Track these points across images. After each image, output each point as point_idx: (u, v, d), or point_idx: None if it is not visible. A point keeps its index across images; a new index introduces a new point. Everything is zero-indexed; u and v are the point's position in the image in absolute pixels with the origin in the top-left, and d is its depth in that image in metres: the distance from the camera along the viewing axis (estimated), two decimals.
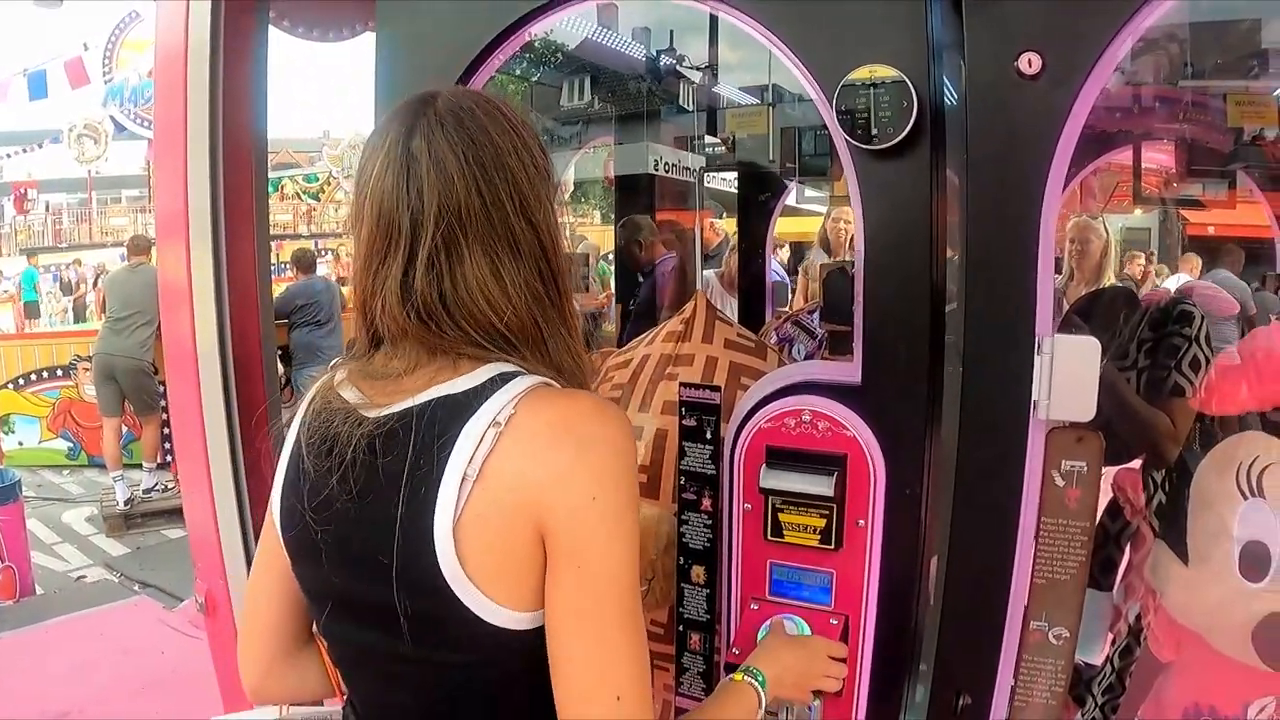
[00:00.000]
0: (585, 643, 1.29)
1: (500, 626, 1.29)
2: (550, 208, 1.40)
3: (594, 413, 1.32)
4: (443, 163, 1.33)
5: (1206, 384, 2.13)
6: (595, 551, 1.28)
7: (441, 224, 1.32)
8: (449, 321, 1.34)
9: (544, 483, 1.26)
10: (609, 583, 1.28)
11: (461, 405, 1.31)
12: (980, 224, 1.73)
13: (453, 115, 1.36)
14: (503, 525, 1.27)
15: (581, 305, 5.21)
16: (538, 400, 1.31)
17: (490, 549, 1.28)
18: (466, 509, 1.27)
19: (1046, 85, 1.64)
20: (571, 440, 1.28)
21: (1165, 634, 2.17)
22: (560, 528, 1.27)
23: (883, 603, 1.87)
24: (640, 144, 5.56)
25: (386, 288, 1.35)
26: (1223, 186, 4.12)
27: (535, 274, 1.37)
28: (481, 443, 1.27)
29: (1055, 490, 1.76)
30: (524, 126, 1.41)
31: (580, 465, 1.27)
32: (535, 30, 2.30)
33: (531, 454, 1.27)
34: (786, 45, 1.87)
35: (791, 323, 3.70)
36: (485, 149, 1.35)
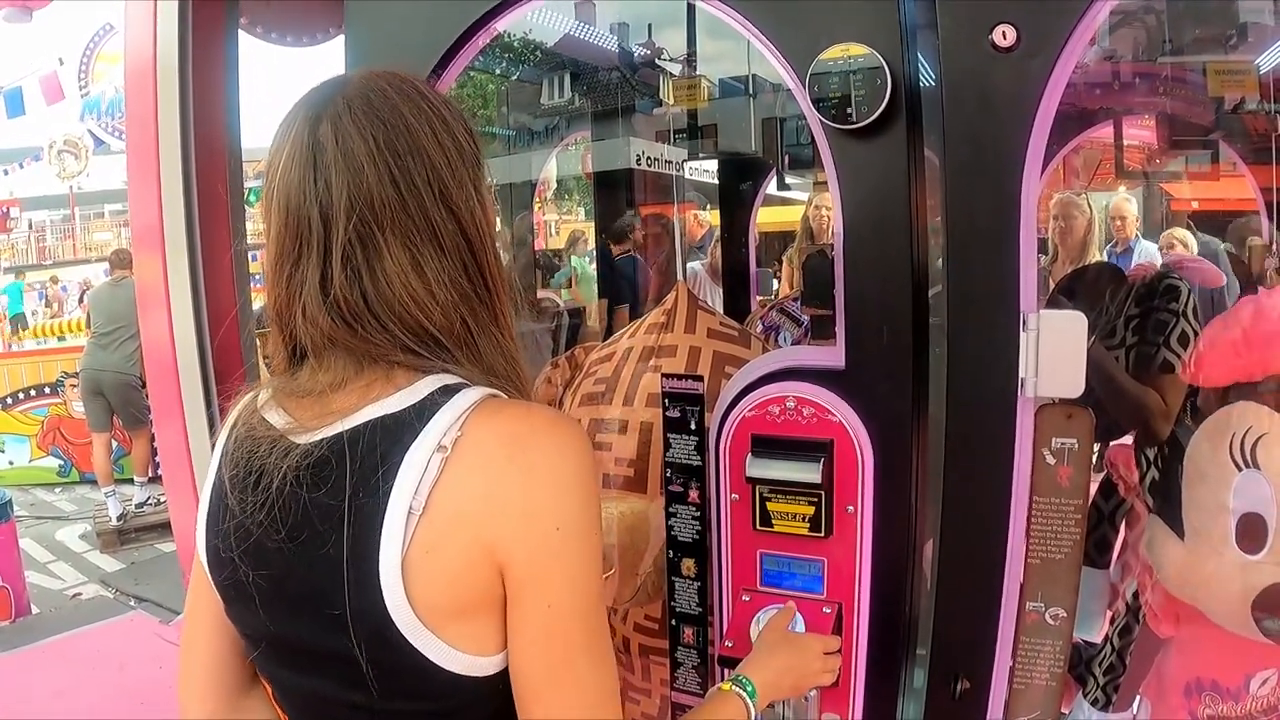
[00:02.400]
0: (557, 686, 1.19)
1: (459, 673, 1.18)
2: (476, 194, 1.28)
3: (549, 431, 1.20)
4: (351, 150, 1.20)
5: (1196, 357, 2.12)
6: (564, 588, 1.17)
7: (353, 217, 1.20)
8: (375, 324, 1.22)
9: (500, 514, 1.15)
10: (579, 618, 1.19)
11: (401, 427, 1.18)
12: (960, 201, 1.71)
13: (362, 98, 1.23)
14: (456, 563, 1.15)
15: (565, 304, 5.20)
16: (486, 418, 1.18)
17: (443, 589, 1.16)
18: (413, 545, 1.14)
19: (1022, 57, 1.63)
20: (526, 465, 1.16)
21: (1164, 610, 2.16)
22: (522, 563, 1.15)
23: (876, 589, 1.85)
24: (621, 139, 5.55)
25: (305, 292, 1.22)
26: (1206, 160, 4.12)
27: (460, 268, 1.25)
28: (426, 471, 1.14)
29: (1047, 468, 1.75)
30: (445, 107, 1.29)
31: (539, 494, 1.16)
32: (506, 26, 2.29)
33: (483, 482, 1.15)
34: (758, 29, 1.85)
35: (777, 310, 3.69)
36: (398, 132, 1.22)
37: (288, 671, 1.31)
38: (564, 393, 2.51)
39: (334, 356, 1.24)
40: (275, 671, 1.34)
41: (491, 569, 1.15)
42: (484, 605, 1.17)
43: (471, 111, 7.37)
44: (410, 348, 1.23)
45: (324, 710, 1.29)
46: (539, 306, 5.15)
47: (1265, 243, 4.40)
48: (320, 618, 1.19)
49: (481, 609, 1.18)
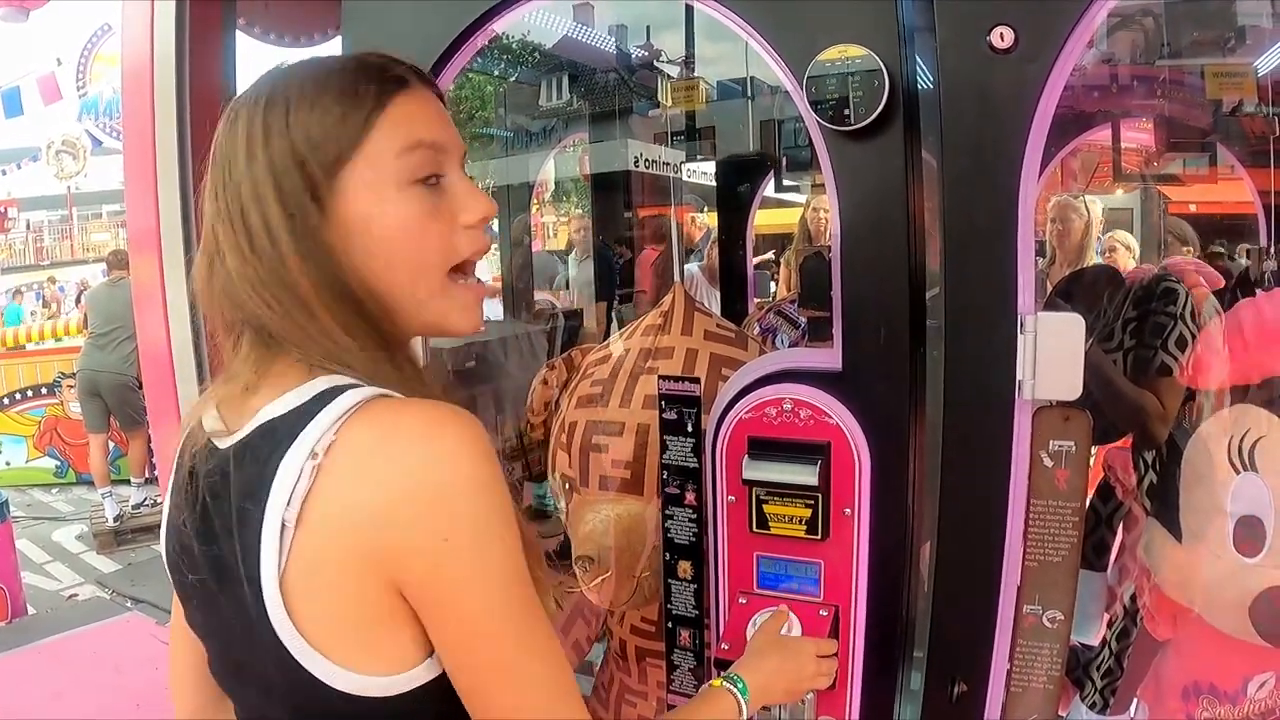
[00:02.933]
0: (496, 696, 1.14)
1: (355, 694, 1.11)
2: (278, 211, 1.17)
3: (422, 431, 1.10)
4: (220, 140, 1.21)
5: (1194, 360, 2.12)
6: (470, 599, 1.11)
7: (218, 203, 1.20)
8: (237, 317, 1.22)
9: (380, 527, 1.07)
10: (498, 622, 1.12)
11: (282, 432, 1.11)
12: (958, 202, 1.71)
13: (235, 104, 1.22)
14: (339, 579, 1.09)
15: (562, 305, 5.20)
16: (361, 422, 1.10)
17: (329, 609, 1.10)
18: (291, 561, 1.08)
19: (1020, 59, 1.62)
20: (401, 471, 1.07)
21: (1161, 613, 2.16)
22: (416, 579, 1.09)
23: (873, 592, 1.85)
24: (619, 140, 5.56)
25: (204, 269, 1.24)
26: (1203, 162, 4.12)
27: (267, 281, 1.18)
28: (300, 479, 1.07)
29: (1044, 471, 1.74)
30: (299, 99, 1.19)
31: (418, 504, 1.07)
32: (506, 28, 2.28)
33: (356, 492, 1.07)
34: (756, 30, 1.85)
35: (774, 312, 3.68)
36: (230, 140, 1.19)
37: (228, 680, 1.30)
38: (560, 394, 2.51)
39: (239, 352, 1.24)
40: (220, 679, 1.32)
41: (380, 584, 1.09)
42: (379, 622, 1.11)
43: (470, 113, 7.37)
44: (265, 346, 1.21)
45: None
46: (535, 308, 5.16)
47: (1263, 245, 4.40)
48: (235, 630, 1.17)
49: (377, 626, 1.11)
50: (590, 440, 2.26)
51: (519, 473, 3.50)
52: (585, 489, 2.28)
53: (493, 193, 5.50)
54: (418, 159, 1.22)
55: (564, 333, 4.70)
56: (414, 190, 1.22)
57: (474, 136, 6.54)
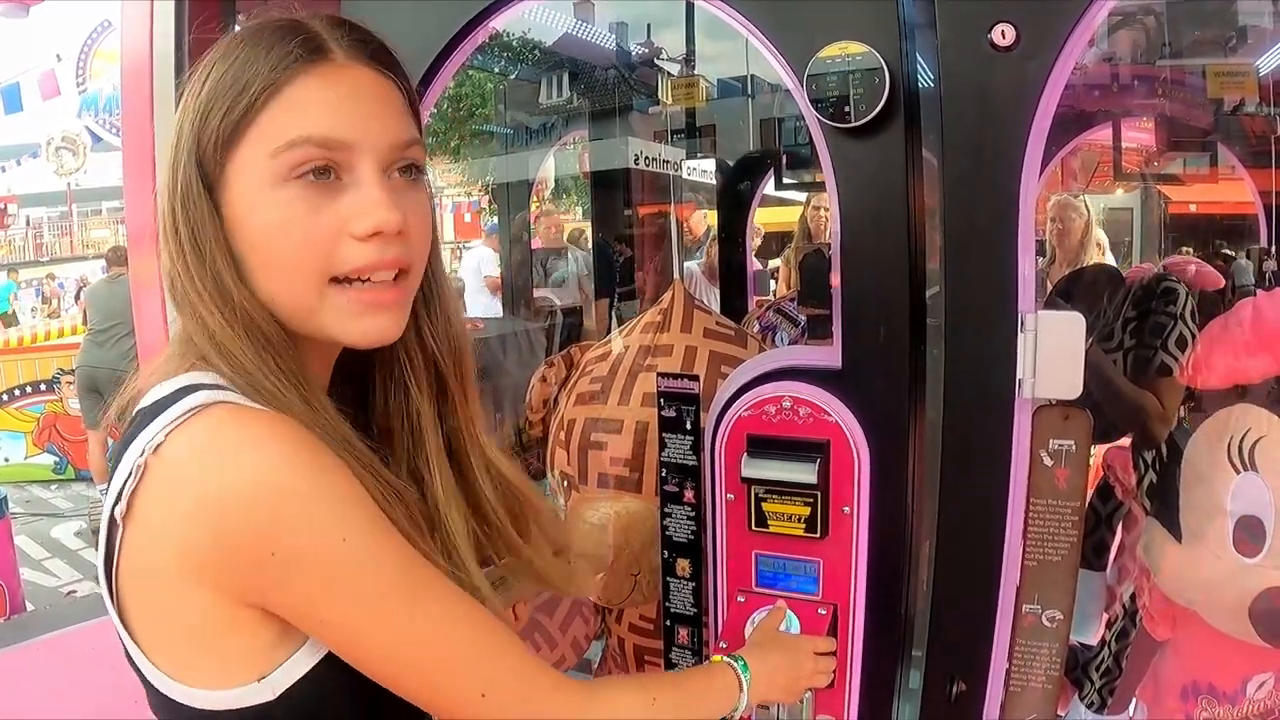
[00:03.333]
0: (403, 677, 1.09)
1: (189, 706, 1.05)
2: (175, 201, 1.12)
3: (235, 441, 1.02)
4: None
5: (1194, 359, 2.11)
6: (329, 611, 1.05)
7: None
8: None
9: (195, 548, 1.00)
10: (375, 622, 1.06)
11: (141, 421, 1.07)
12: (958, 201, 1.70)
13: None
14: (167, 591, 1.03)
15: (562, 302, 5.18)
16: (189, 427, 1.02)
17: (157, 616, 1.05)
18: (122, 560, 1.04)
19: (1021, 56, 1.62)
20: (214, 484, 0.99)
21: (1160, 613, 2.16)
22: (258, 594, 1.03)
23: (872, 590, 1.85)
24: (620, 138, 5.55)
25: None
26: (1204, 162, 4.12)
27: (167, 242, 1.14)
28: (129, 477, 1.01)
29: (1044, 470, 1.74)
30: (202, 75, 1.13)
31: (232, 516, 0.99)
32: (504, 23, 2.28)
33: (174, 501, 1.00)
34: (756, 26, 1.85)
35: (773, 310, 3.68)
36: (192, 77, 1.13)
37: None
38: (559, 392, 2.50)
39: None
40: None
41: (212, 596, 1.02)
42: (215, 637, 1.04)
43: (470, 110, 7.36)
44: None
45: None
46: (534, 306, 5.15)
47: (1263, 245, 4.40)
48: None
49: (214, 641, 1.05)
50: (589, 438, 2.26)
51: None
52: (584, 486, 2.27)
53: (492, 190, 5.50)
54: (299, 154, 1.09)
55: (563, 330, 4.70)
56: (292, 188, 1.10)
57: (474, 134, 6.54)
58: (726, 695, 1.47)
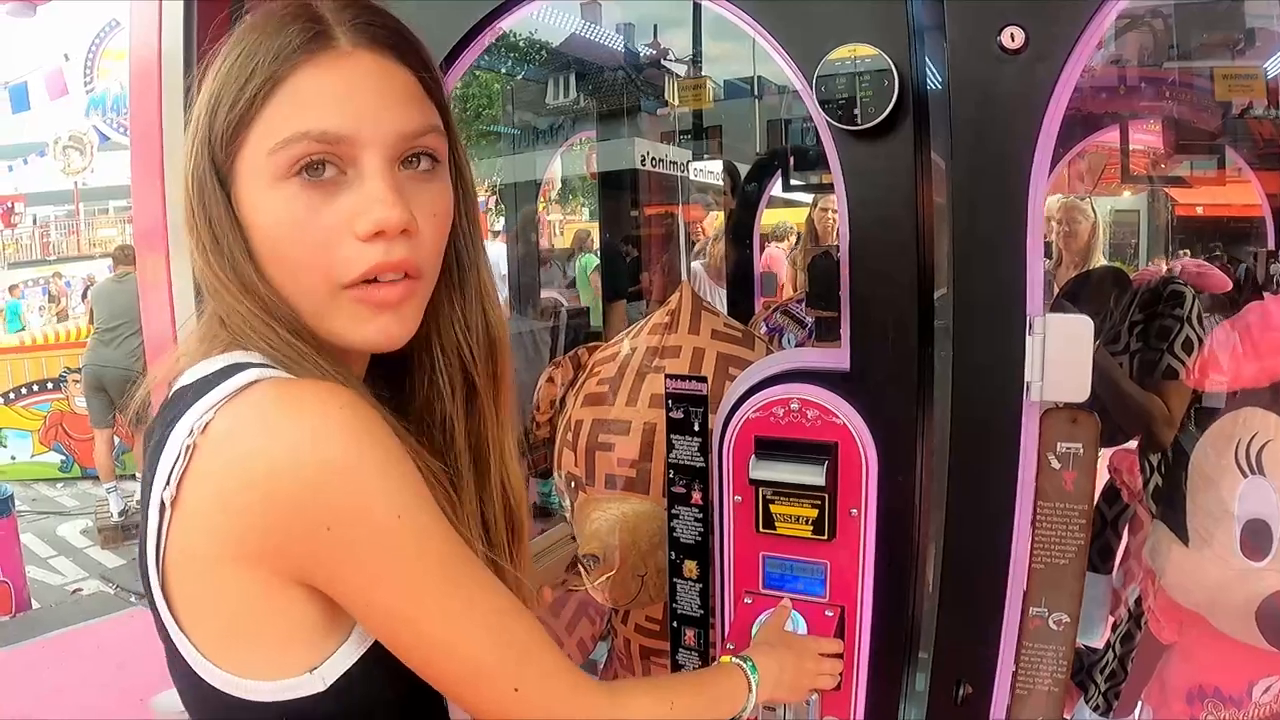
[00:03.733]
0: (442, 667, 1.08)
1: (236, 696, 1.03)
2: (194, 196, 1.11)
3: (292, 411, 1.00)
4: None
5: (1200, 362, 2.11)
6: (373, 590, 1.02)
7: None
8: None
9: (252, 520, 0.98)
10: (419, 606, 1.03)
11: (185, 401, 1.04)
12: (967, 203, 1.70)
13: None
14: (217, 573, 1.01)
15: (570, 301, 5.19)
16: (239, 405, 1.00)
17: (206, 603, 1.03)
18: (170, 544, 1.01)
19: (1030, 59, 1.62)
20: (266, 459, 0.97)
21: (1166, 616, 2.16)
22: (309, 571, 1.01)
23: (879, 592, 1.85)
24: (626, 139, 5.55)
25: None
26: (1211, 165, 4.11)
27: (195, 227, 1.11)
28: (179, 459, 0.99)
29: (1051, 473, 1.74)
30: (213, 65, 1.11)
31: (285, 493, 0.97)
32: (513, 25, 2.29)
33: (225, 484, 0.98)
34: (765, 29, 1.85)
35: (780, 312, 3.68)
36: (210, 60, 1.11)
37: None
38: (566, 392, 2.51)
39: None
40: None
41: (263, 577, 1.01)
42: (268, 624, 1.03)
43: (477, 110, 7.36)
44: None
45: None
46: (540, 306, 5.15)
47: (1271, 249, 4.40)
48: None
49: (265, 628, 1.03)
50: (597, 439, 2.26)
51: (525, 469, 3.51)
52: (591, 487, 2.28)
53: (499, 190, 5.50)
54: (297, 150, 1.06)
55: (568, 331, 4.70)
56: (291, 185, 1.07)
57: (481, 134, 6.53)
58: (737, 696, 1.47)
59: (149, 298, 3.14)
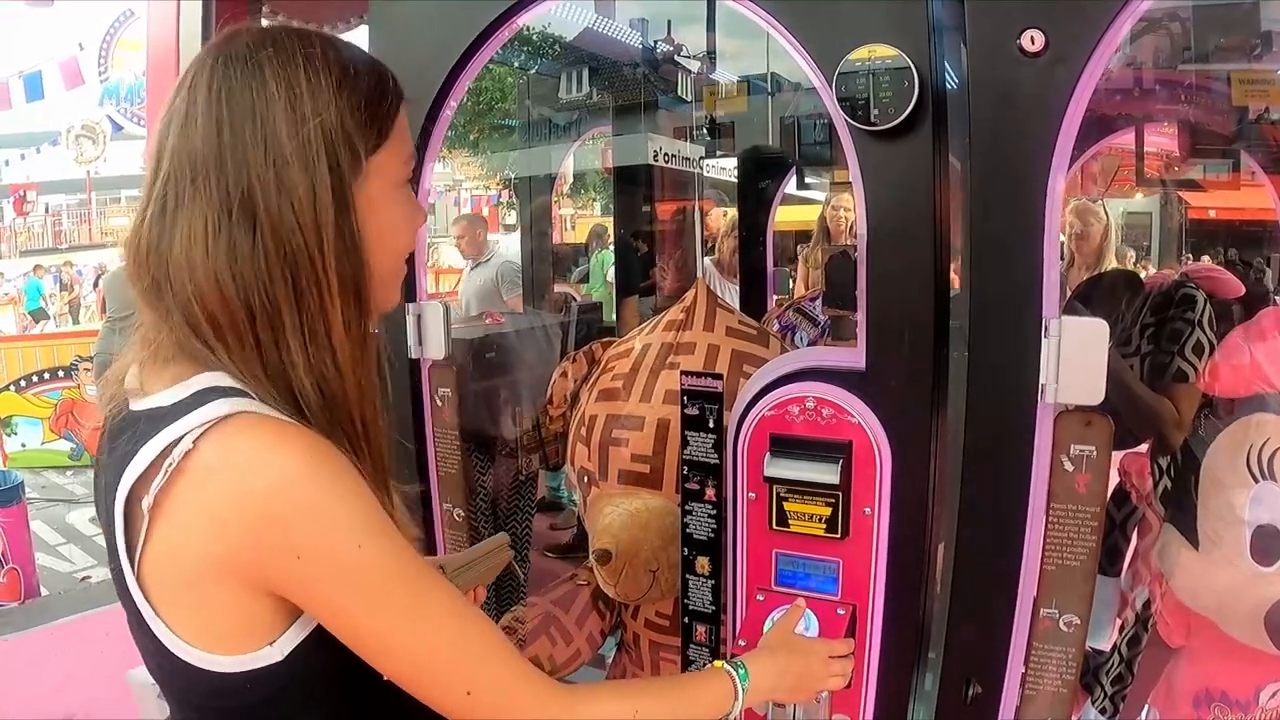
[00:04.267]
0: (403, 670, 1.19)
1: (205, 669, 1.15)
2: (330, 179, 1.17)
3: (268, 450, 1.11)
4: (195, 99, 1.15)
5: (1214, 367, 2.11)
6: (341, 605, 1.15)
7: (172, 161, 1.16)
8: (158, 280, 1.17)
9: (234, 545, 1.10)
10: (377, 619, 1.15)
11: (156, 423, 1.13)
12: (984, 205, 1.71)
13: (238, 51, 1.17)
14: (199, 581, 1.12)
15: (581, 298, 5.19)
16: (220, 438, 1.10)
17: (189, 601, 1.14)
18: (149, 547, 1.12)
19: (1050, 63, 1.63)
20: (247, 491, 1.09)
21: (1175, 620, 2.16)
22: (274, 586, 1.13)
23: (890, 591, 1.86)
24: (639, 134, 5.54)
25: (129, 230, 1.22)
26: (1225, 169, 4.10)
27: (274, 255, 1.15)
28: (155, 473, 1.10)
29: (1064, 475, 1.74)
30: (339, 79, 1.19)
31: (268, 523, 1.09)
32: (528, 20, 2.29)
33: (210, 507, 1.09)
34: (785, 28, 1.86)
35: (793, 310, 3.69)
36: (245, 91, 1.15)
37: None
38: (580, 387, 2.52)
39: (145, 309, 1.21)
40: None
41: (241, 588, 1.13)
42: (238, 614, 1.14)
43: (490, 104, 7.37)
44: (189, 329, 1.17)
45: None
46: (554, 301, 5.16)
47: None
48: (112, 573, 1.22)
49: (237, 617, 1.15)
50: (610, 434, 2.27)
51: (536, 463, 3.52)
52: (604, 482, 2.29)
53: (513, 185, 5.52)
54: (410, 166, 1.34)
55: (580, 325, 4.71)
56: (407, 190, 1.34)
57: (494, 127, 6.54)
58: (718, 702, 1.49)
59: None
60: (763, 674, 1.56)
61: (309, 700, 1.22)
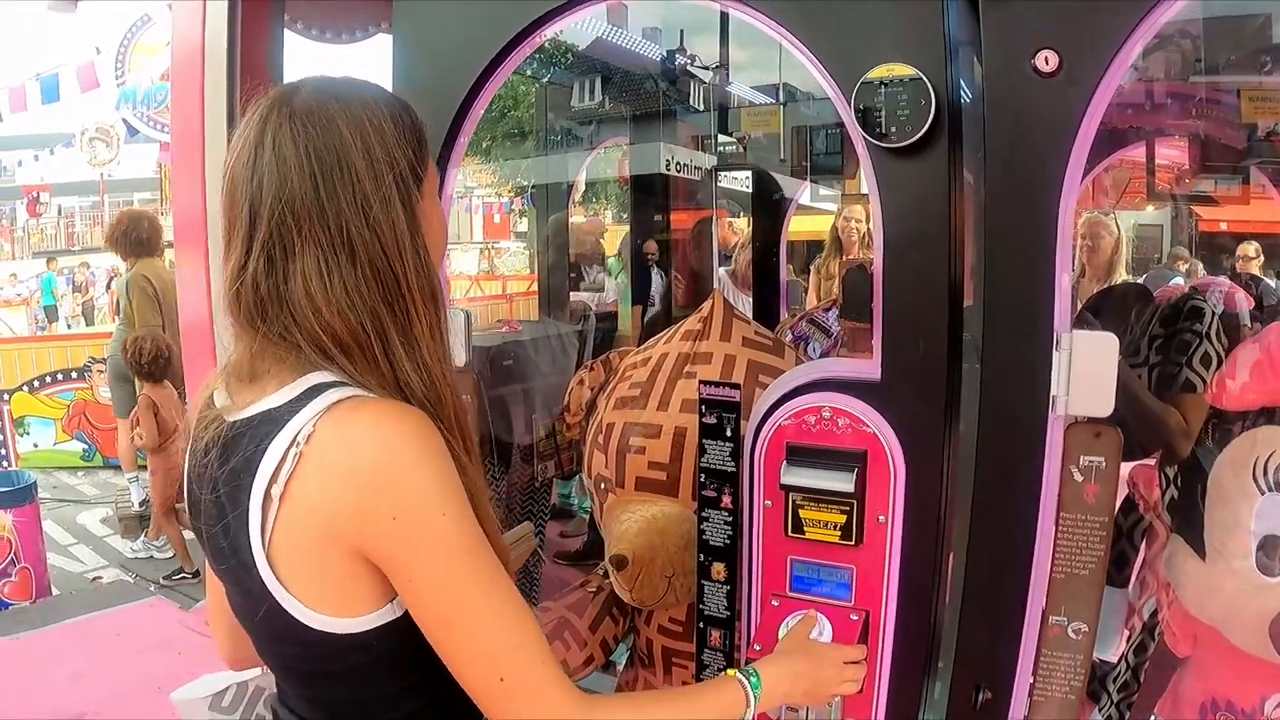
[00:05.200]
0: (450, 643, 1.30)
1: (331, 632, 1.30)
2: (402, 209, 1.34)
3: (371, 427, 1.27)
4: (284, 155, 1.30)
5: (1221, 379, 2.13)
6: (418, 567, 1.27)
7: (274, 216, 1.30)
8: (276, 320, 1.32)
9: (338, 511, 1.25)
10: (445, 589, 1.28)
11: (274, 421, 1.29)
12: (997, 221, 1.74)
13: (306, 107, 1.32)
14: (314, 549, 1.27)
15: (597, 305, 5.20)
16: (332, 418, 1.27)
17: (307, 569, 1.29)
18: (277, 530, 1.27)
19: (1063, 83, 1.66)
20: (354, 462, 1.25)
21: (1181, 629, 2.18)
22: (370, 550, 1.27)
23: (903, 598, 1.89)
24: (654, 144, 5.55)
25: (225, 276, 1.35)
26: (1236, 182, 4.11)
27: (372, 279, 1.32)
28: (284, 462, 1.26)
29: (1074, 485, 1.77)
30: (390, 120, 1.36)
31: (367, 489, 1.24)
32: (549, 31, 2.32)
33: (321, 480, 1.25)
34: (803, 44, 1.89)
35: (807, 321, 3.71)
36: (329, 144, 1.30)
37: (237, 611, 1.48)
38: (597, 396, 2.54)
39: (247, 344, 1.37)
40: (233, 611, 1.50)
41: (345, 554, 1.27)
42: (349, 579, 1.29)
43: (501, 111, 7.38)
44: (299, 346, 1.32)
45: (255, 643, 1.48)
46: (570, 310, 5.18)
47: None
48: (227, 571, 1.38)
49: (346, 582, 1.29)
50: (627, 442, 2.30)
51: (551, 470, 3.55)
52: (621, 489, 2.31)
53: (530, 193, 5.55)
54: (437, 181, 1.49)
55: (596, 334, 4.73)
56: (438, 201, 1.50)
57: (505, 135, 6.54)
58: (730, 710, 1.54)
59: (186, 288, 3.19)
60: (776, 679, 1.60)
61: (417, 658, 1.34)
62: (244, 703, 1.81)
